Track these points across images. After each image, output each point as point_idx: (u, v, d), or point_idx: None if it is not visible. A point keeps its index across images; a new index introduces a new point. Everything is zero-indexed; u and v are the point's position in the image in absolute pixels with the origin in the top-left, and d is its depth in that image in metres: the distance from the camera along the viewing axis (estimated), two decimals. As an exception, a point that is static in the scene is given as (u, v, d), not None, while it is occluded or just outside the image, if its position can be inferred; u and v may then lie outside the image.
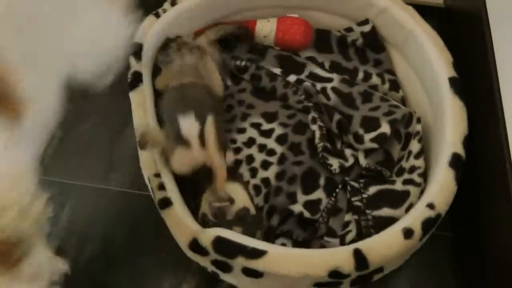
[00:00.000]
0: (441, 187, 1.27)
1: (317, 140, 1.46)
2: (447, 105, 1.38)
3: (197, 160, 1.36)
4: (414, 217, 1.23)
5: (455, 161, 1.29)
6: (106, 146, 1.67)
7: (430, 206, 1.24)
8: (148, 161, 1.35)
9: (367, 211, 1.35)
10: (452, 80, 1.41)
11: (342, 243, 1.34)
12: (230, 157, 1.46)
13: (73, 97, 1.67)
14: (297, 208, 1.37)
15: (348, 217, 1.38)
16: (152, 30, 1.54)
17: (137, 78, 1.46)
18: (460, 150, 1.31)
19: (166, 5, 1.62)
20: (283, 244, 1.35)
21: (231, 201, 1.31)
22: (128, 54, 1.48)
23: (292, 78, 1.58)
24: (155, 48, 1.55)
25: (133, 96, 1.44)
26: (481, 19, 1.44)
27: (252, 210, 1.35)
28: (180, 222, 1.27)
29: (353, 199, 1.38)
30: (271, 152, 1.50)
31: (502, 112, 1.29)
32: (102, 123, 1.71)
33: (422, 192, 1.37)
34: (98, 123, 1.72)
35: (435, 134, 1.45)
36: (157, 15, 1.58)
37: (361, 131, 1.46)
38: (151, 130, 1.36)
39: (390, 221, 1.29)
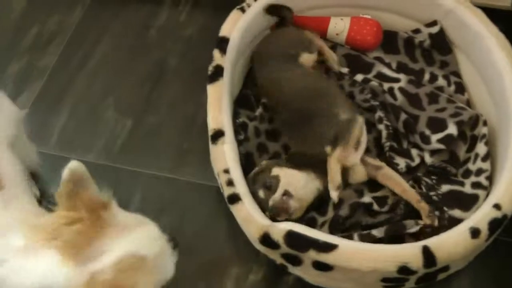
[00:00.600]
0: (507, 188, 1.29)
1: (383, 140, 1.49)
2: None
3: None
4: (481, 217, 1.26)
5: None
6: (177, 136, 1.71)
7: (497, 206, 1.26)
8: (218, 156, 1.39)
9: (445, 208, 1.38)
10: None
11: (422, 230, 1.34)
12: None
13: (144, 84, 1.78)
14: (366, 199, 1.41)
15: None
16: (238, 25, 1.58)
17: (218, 72, 1.50)
18: None
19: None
20: (349, 236, 1.36)
21: None
22: (214, 47, 1.54)
23: (359, 77, 1.62)
24: (240, 43, 1.58)
25: (211, 89, 1.48)
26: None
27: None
28: (250, 217, 1.31)
29: (431, 193, 1.41)
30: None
31: None
32: (173, 113, 1.76)
33: (488, 195, 1.39)
34: (169, 112, 1.76)
35: (500, 137, 1.46)
36: (242, 10, 1.62)
37: (427, 132, 1.48)
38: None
39: (459, 222, 1.31)
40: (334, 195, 1.37)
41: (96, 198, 0.95)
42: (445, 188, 1.42)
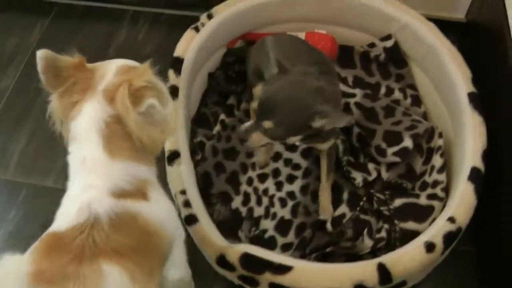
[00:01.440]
0: (461, 201, 1.30)
1: (340, 154, 1.50)
2: (466, 120, 1.41)
3: None
4: (436, 230, 1.27)
5: (475, 175, 1.32)
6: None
7: (451, 220, 1.27)
8: (174, 177, 1.39)
9: (395, 221, 1.39)
10: (471, 96, 1.44)
11: (373, 248, 1.37)
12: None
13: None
14: (323, 218, 1.43)
15: (379, 224, 1.42)
16: (192, 45, 1.58)
17: (173, 93, 1.49)
18: (479, 165, 1.34)
19: (203, 18, 1.65)
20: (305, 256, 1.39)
21: None
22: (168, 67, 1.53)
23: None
24: (195, 63, 1.58)
25: (167, 110, 1.48)
26: (502, 34, 1.45)
27: None
28: (207, 238, 1.31)
29: (381, 208, 1.42)
30: (297, 167, 1.54)
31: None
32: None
33: (445, 206, 1.40)
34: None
35: (456, 148, 1.48)
36: (197, 29, 1.62)
37: (383, 145, 1.49)
38: None
39: (414, 234, 1.33)
40: (328, 226, 1.41)
41: (72, 62, 1.08)
42: (398, 202, 1.43)
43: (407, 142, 1.47)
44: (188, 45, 1.58)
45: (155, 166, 1.11)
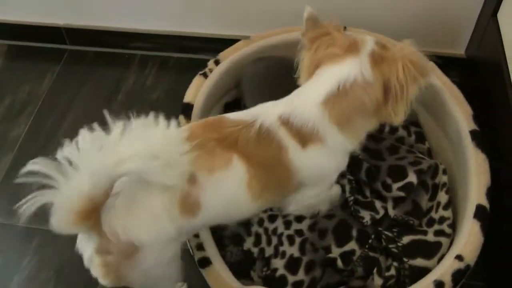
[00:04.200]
0: (468, 239, 1.33)
1: (347, 194, 1.53)
2: (470, 158, 1.45)
3: None
4: (444, 269, 1.29)
5: (480, 213, 1.35)
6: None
7: (459, 258, 1.30)
8: None
9: (404, 259, 1.41)
10: (473, 133, 1.47)
11: (383, 286, 1.40)
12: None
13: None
14: (333, 256, 1.45)
15: (388, 262, 1.44)
16: (201, 91, 1.63)
17: (185, 139, 1.54)
18: (484, 202, 1.37)
19: (211, 64, 1.70)
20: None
21: None
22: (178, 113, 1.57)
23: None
24: (204, 108, 1.62)
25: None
26: (501, 70, 1.49)
27: None
28: (221, 279, 1.33)
29: (390, 245, 1.44)
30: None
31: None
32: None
33: (452, 242, 1.43)
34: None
35: (460, 185, 1.50)
36: (205, 75, 1.67)
37: (389, 180, 1.52)
38: None
39: (423, 271, 1.36)
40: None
41: (331, 25, 1.20)
42: (406, 239, 1.45)
43: (412, 177, 1.50)
44: (197, 91, 1.63)
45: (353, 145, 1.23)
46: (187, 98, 1.62)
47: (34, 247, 1.66)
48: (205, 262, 1.36)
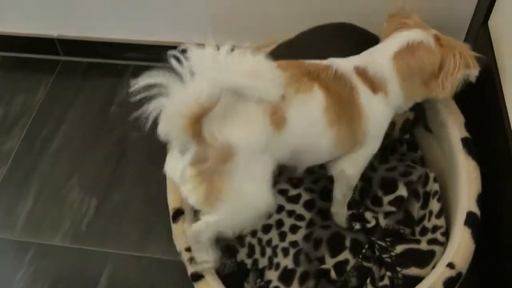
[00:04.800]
0: (459, 247, 1.32)
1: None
2: (460, 165, 1.45)
3: None
4: (436, 277, 1.29)
5: (471, 220, 1.35)
6: (142, 212, 1.74)
7: (450, 265, 1.29)
8: (179, 234, 1.41)
9: (398, 269, 1.41)
10: (464, 141, 1.48)
11: None
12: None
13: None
14: (327, 267, 1.44)
15: (381, 272, 1.44)
16: None
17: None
18: (475, 209, 1.37)
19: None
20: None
21: None
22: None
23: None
24: None
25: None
26: (493, 77, 1.50)
27: None
28: (213, 293, 1.33)
29: (383, 255, 1.44)
30: (300, 217, 1.56)
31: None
32: (137, 189, 1.80)
33: (445, 250, 1.43)
34: (133, 188, 1.80)
35: (452, 193, 1.50)
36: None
37: (380, 193, 1.52)
38: None
39: (417, 280, 1.35)
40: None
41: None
42: (400, 248, 1.45)
43: (402, 191, 1.50)
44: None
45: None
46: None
47: (29, 259, 1.66)
48: (198, 276, 1.35)
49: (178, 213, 1.42)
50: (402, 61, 1.33)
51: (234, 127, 1.15)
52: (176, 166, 1.22)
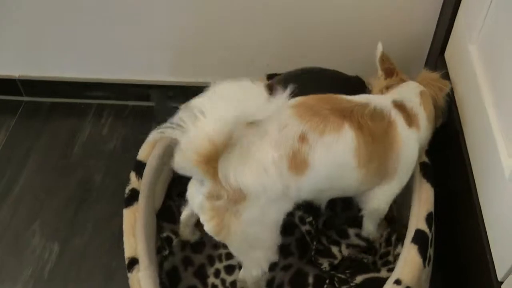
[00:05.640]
0: (405, 263, 1.32)
1: (308, 239, 1.53)
2: (415, 186, 1.46)
3: None
4: (384, 295, 1.29)
5: (418, 236, 1.35)
6: (104, 256, 1.71)
7: (397, 282, 1.29)
8: (134, 284, 1.36)
9: None
10: (423, 165, 1.49)
11: None
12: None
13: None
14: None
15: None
16: (153, 152, 1.58)
17: (134, 196, 1.51)
18: (423, 227, 1.37)
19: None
20: None
21: None
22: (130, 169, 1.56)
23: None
24: (158, 167, 1.57)
25: (126, 214, 1.48)
26: (451, 107, 1.53)
27: None
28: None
29: (343, 287, 1.44)
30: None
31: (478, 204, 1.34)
32: (100, 232, 1.76)
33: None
34: (95, 232, 1.77)
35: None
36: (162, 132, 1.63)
37: (344, 226, 1.52)
38: None
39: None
40: None
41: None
42: (360, 278, 1.44)
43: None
44: (151, 150, 1.59)
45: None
46: (140, 156, 1.59)
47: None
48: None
49: (133, 263, 1.39)
50: (426, 99, 1.40)
51: (247, 171, 1.15)
52: (195, 194, 1.25)
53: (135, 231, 1.44)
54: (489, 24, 1.39)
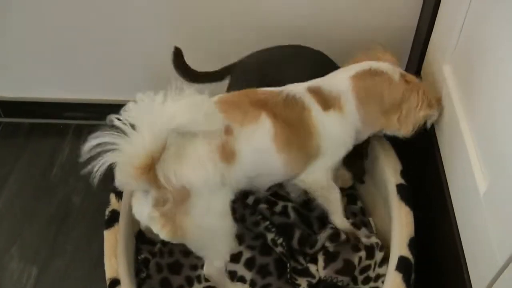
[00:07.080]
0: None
1: (285, 259, 1.53)
2: (394, 210, 1.47)
3: None
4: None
5: (402, 264, 1.36)
6: (85, 279, 1.70)
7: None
8: None
9: None
10: (399, 187, 1.50)
11: None
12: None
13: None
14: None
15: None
16: None
17: (114, 217, 1.52)
18: (407, 253, 1.37)
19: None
20: None
21: None
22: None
23: (250, 199, 1.64)
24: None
25: (107, 235, 1.49)
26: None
27: None
28: None
29: None
30: (242, 279, 1.54)
31: (453, 214, 1.36)
32: (80, 255, 1.75)
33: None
34: (75, 255, 1.76)
35: (389, 238, 1.50)
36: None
37: (316, 236, 1.54)
38: None
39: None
40: None
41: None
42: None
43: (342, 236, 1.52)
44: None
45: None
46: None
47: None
48: None
49: (114, 283, 1.39)
50: (360, 82, 1.40)
51: (185, 168, 1.21)
52: (142, 209, 1.27)
53: (116, 252, 1.44)
54: (462, 44, 1.41)
